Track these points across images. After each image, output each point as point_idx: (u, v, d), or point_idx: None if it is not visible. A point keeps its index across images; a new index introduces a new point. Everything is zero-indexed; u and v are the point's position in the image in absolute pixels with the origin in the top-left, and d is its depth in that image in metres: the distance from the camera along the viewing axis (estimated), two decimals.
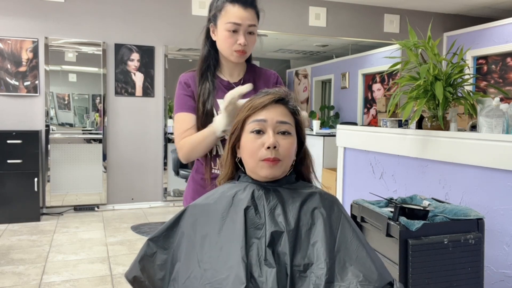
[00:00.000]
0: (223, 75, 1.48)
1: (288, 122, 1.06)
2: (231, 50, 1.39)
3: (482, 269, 1.42)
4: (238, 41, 1.37)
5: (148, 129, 4.93)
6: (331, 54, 6.92)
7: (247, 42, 1.38)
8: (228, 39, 1.38)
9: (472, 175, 1.79)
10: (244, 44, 1.37)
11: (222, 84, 1.45)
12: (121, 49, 4.76)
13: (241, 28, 1.37)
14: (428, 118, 2.04)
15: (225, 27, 1.37)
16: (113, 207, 4.82)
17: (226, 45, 1.39)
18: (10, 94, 4.42)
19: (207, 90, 1.41)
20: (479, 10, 5.90)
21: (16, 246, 3.47)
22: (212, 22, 1.43)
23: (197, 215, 1.04)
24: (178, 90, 1.46)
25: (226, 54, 1.41)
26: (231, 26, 1.36)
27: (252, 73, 1.51)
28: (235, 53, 1.39)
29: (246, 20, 1.36)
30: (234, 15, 1.36)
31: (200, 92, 1.42)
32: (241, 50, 1.38)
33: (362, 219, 1.56)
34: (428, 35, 2.02)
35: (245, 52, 1.40)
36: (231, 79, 1.47)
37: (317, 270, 0.93)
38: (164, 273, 1.01)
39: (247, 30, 1.38)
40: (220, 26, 1.39)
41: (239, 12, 1.36)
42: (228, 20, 1.36)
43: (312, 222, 1.00)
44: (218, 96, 1.42)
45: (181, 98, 1.44)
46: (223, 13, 1.37)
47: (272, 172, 1.03)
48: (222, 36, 1.39)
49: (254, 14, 1.39)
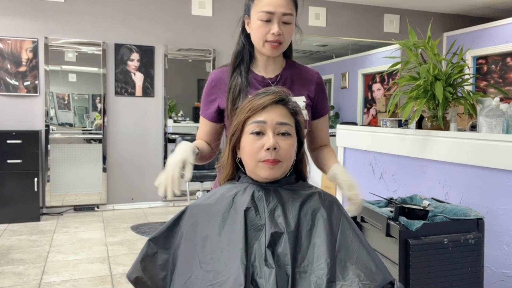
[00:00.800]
0: (258, 70, 1.36)
1: (288, 123, 1.06)
2: (263, 41, 1.27)
3: (482, 269, 1.42)
4: (271, 30, 1.25)
5: (148, 129, 4.93)
6: (331, 54, 6.92)
7: (282, 32, 1.26)
8: (260, 29, 1.26)
9: (472, 175, 1.79)
10: (278, 34, 1.25)
11: (255, 79, 1.34)
12: (121, 49, 4.76)
13: (274, 17, 1.25)
14: (428, 118, 2.04)
15: (258, 16, 1.26)
16: (113, 207, 4.82)
17: (258, 36, 1.27)
18: (10, 94, 4.42)
19: (238, 87, 1.31)
20: (479, 10, 5.89)
21: (16, 246, 3.46)
22: (246, 14, 1.33)
23: (197, 216, 1.04)
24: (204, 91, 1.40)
25: (259, 46, 1.30)
26: (264, 15, 1.25)
27: (291, 70, 1.39)
28: (268, 44, 1.27)
29: (279, 7, 1.24)
30: (266, 3, 1.25)
31: (231, 88, 1.32)
32: (275, 40, 1.26)
33: (362, 219, 1.56)
34: (428, 35, 2.02)
35: (280, 44, 1.27)
36: (265, 75, 1.36)
37: (318, 270, 0.93)
38: (165, 273, 1.01)
39: (282, 20, 1.25)
40: (253, 16, 1.28)
41: (271, 0, 1.25)
42: (261, 8, 1.25)
43: (312, 223, 1.00)
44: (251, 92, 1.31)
45: (203, 101, 1.39)
46: (256, 2, 1.27)
47: (272, 173, 1.03)
48: (255, 26, 1.27)
49: (291, 2, 1.27)
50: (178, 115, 5.07)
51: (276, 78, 1.36)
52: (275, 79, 1.36)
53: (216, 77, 1.38)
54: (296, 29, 1.34)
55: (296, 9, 1.31)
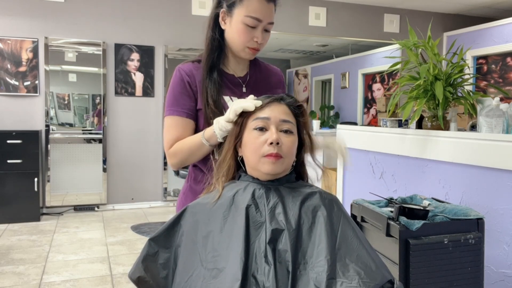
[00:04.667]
0: (227, 68, 1.32)
1: (291, 121, 1.08)
2: (243, 46, 1.24)
3: (482, 269, 1.42)
4: (254, 38, 1.23)
5: (148, 129, 4.93)
6: (331, 54, 6.92)
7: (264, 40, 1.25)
8: (243, 34, 1.22)
9: (472, 175, 1.79)
10: (260, 42, 1.24)
11: (227, 78, 1.30)
12: (121, 49, 4.76)
13: (260, 25, 1.22)
14: (428, 118, 2.04)
15: (243, 20, 1.21)
16: (113, 207, 4.82)
17: (240, 40, 1.23)
18: (10, 94, 4.42)
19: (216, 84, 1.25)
20: (479, 10, 5.89)
21: (16, 246, 3.47)
22: (224, 8, 1.25)
23: (198, 215, 1.04)
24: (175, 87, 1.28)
25: (237, 49, 1.26)
26: (251, 21, 1.21)
27: (256, 67, 1.38)
28: (248, 49, 1.25)
29: (267, 17, 1.22)
30: (256, 9, 1.20)
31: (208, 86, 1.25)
32: (256, 47, 1.25)
33: (362, 219, 1.56)
34: (428, 35, 2.02)
35: (259, 50, 1.26)
36: (235, 73, 1.33)
37: (318, 266, 0.93)
38: (167, 272, 1.02)
39: (265, 27, 1.24)
40: (237, 17, 1.22)
41: (261, 6, 1.20)
42: (249, 13, 1.20)
43: (313, 220, 1.00)
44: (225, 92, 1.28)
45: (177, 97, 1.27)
46: (245, 2, 1.20)
47: (274, 168, 1.03)
48: (237, 29, 1.22)
49: (274, 10, 1.24)
50: None
51: (246, 77, 1.34)
52: (245, 78, 1.34)
53: (188, 71, 1.29)
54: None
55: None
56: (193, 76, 1.28)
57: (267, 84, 1.37)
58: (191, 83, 1.27)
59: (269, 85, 1.38)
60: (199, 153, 1.22)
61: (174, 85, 1.28)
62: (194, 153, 1.23)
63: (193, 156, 1.24)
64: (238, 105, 1.09)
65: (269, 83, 1.38)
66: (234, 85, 1.30)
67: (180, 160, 1.25)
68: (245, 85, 1.33)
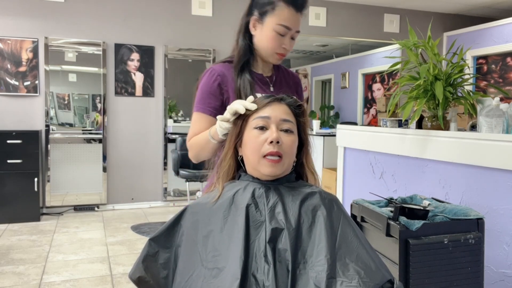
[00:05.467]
0: (256, 68, 1.41)
1: (291, 121, 1.08)
2: (273, 52, 1.34)
3: (482, 269, 1.42)
4: (283, 45, 1.33)
5: (148, 129, 4.93)
6: (331, 54, 6.92)
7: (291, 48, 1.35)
8: (274, 41, 1.32)
9: (472, 175, 1.79)
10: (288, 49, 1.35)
11: (257, 78, 1.39)
12: (121, 49, 4.76)
13: (289, 33, 1.32)
14: (428, 118, 2.04)
15: (275, 28, 1.31)
16: (113, 207, 4.82)
17: (270, 46, 1.33)
18: (10, 94, 4.42)
19: (248, 83, 1.33)
20: (479, 10, 5.90)
21: (16, 246, 3.47)
22: (255, 16, 1.34)
23: (198, 214, 1.04)
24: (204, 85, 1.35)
25: (266, 54, 1.36)
26: (282, 29, 1.31)
27: (279, 69, 1.48)
28: (276, 55, 1.35)
29: (296, 25, 1.33)
30: (286, 18, 1.30)
31: (240, 85, 1.34)
32: (283, 53, 1.35)
33: (362, 219, 1.56)
34: (428, 35, 2.02)
35: (285, 56, 1.37)
36: (263, 73, 1.42)
37: (318, 266, 0.93)
38: (167, 272, 1.02)
39: (292, 35, 1.34)
40: (268, 24, 1.31)
41: (291, 16, 1.30)
42: (280, 21, 1.30)
43: (313, 220, 1.01)
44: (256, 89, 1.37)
45: (205, 96, 1.34)
46: (276, 12, 1.30)
47: (274, 171, 1.03)
48: (268, 36, 1.32)
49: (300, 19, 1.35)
50: (178, 115, 5.07)
51: (272, 77, 1.44)
52: (272, 78, 1.44)
53: (220, 72, 1.36)
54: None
55: None
56: (225, 76, 1.35)
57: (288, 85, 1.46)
58: (222, 83, 1.35)
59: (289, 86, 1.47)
60: (207, 148, 1.27)
61: (203, 84, 1.36)
62: (204, 148, 1.28)
63: (204, 151, 1.29)
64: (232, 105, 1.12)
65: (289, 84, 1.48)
66: (263, 84, 1.39)
67: (194, 153, 1.33)
68: (272, 85, 1.43)
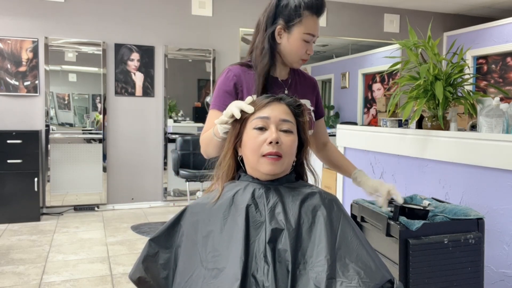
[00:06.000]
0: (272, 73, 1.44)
1: (290, 121, 1.08)
2: (299, 58, 1.40)
3: (482, 269, 1.42)
4: (307, 51, 1.38)
5: (148, 129, 4.93)
6: (331, 54, 6.92)
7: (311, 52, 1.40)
8: (302, 48, 1.38)
9: (472, 175, 1.79)
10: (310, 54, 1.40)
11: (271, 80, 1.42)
12: (121, 49, 4.76)
13: (313, 39, 1.38)
14: (428, 118, 2.04)
15: (302, 37, 1.36)
16: (113, 207, 4.82)
17: (298, 53, 1.38)
18: (10, 94, 4.42)
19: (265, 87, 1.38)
20: (479, 10, 5.89)
21: (16, 246, 3.47)
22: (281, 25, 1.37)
23: (198, 215, 1.04)
24: (221, 85, 1.40)
25: (292, 61, 1.41)
26: (309, 37, 1.36)
27: (295, 73, 1.51)
28: (301, 61, 1.41)
29: (318, 31, 1.39)
30: (312, 26, 1.36)
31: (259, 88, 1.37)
32: (306, 59, 1.40)
33: (362, 219, 1.56)
34: (428, 35, 2.02)
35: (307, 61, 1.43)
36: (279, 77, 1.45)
37: (318, 266, 0.93)
38: (167, 272, 1.02)
39: (314, 41, 1.39)
40: (296, 33, 1.36)
41: (314, 23, 1.37)
42: (307, 30, 1.35)
43: (313, 220, 1.00)
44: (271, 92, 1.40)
45: (220, 94, 1.39)
46: (303, 21, 1.35)
47: (273, 169, 1.03)
48: (296, 44, 1.37)
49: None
50: (178, 115, 5.07)
51: (288, 80, 1.46)
52: (287, 81, 1.46)
53: (237, 73, 1.40)
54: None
55: None
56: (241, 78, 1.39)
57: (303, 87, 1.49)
58: (237, 83, 1.39)
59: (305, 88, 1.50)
60: (212, 145, 1.27)
61: (220, 83, 1.40)
62: (209, 144, 1.29)
63: (209, 147, 1.30)
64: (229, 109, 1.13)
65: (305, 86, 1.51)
66: (277, 87, 1.41)
67: (203, 149, 1.35)
68: (287, 88, 1.45)
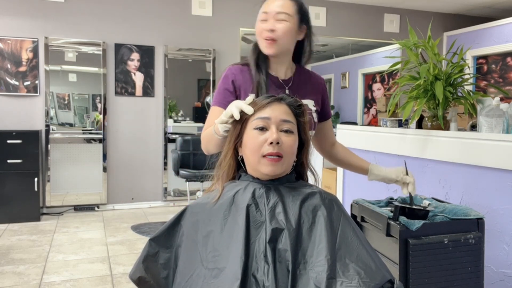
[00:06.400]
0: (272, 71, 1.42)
1: (291, 121, 1.08)
2: (260, 39, 1.36)
3: (482, 269, 1.42)
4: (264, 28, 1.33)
5: (148, 129, 4.93)
6: (331, 54, 6.92)
7: (276, 28, 1.32)
8: (258, 29, 1.36)
9: (472, 175, 1.79)
10: (270, 30, 1.32)
11: (271, 80, 1.40)
12: (121, 49, 4.76)
13: (269, 17, 1.33)
14: (428, 118, 2.04)
15: (259, 18, 1.36)
16: (113, 207, 4.82)
17: (257, 34, 1.37)
18: (10, 94, 4.42)
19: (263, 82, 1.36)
20: (479, 10, 5.89)
21: (16, 246, 3.47)
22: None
23: (198, 214, 1.04)
24: (221, 83, 1.41)
25: (260, 46, 1.37)
26: (262, 15, 1.35)
27: (301, 73, 1.47)
28: (264, 41, 1.34)
29: (274, 7, 1.33)
30: (264, 6, 1.35)
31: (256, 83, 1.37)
32: (268, 37, 1.32)
33: (362, 219, 1.56)
34: (428, 35, 2.02)
35: (274, 40, 1.33)
36: (279, 76, 1.42)
37: (318, 266, 0.93)
38: (167, 272, 1.02)
39: (276, 18, 1.32)
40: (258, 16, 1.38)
41: (269, 2, 1.35)
42: (260, 11, 1.36)
43: (313, 220, 1.00)
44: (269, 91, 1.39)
45: (221, 92, 1.40)
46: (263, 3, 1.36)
47: (274, 170, 1.03)
48: (256, 26, 1.37)
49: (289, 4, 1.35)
50: (178, 115, 5.07)
51: (289, 80, 1.43)
52: (289, 81, 1.43)
53: (235, 71, 1.41)
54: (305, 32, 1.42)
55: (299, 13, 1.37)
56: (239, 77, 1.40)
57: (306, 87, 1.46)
58: (235, 81, 1.39)
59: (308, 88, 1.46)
60: (213, 142, 1.26)
61: (220, 82, 1.42)
62: (209, 141, 1.29)
63: (210, 144, 1.29)
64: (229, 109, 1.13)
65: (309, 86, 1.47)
66: (277, 86, 1.40)
67: (204, 146, 1.35)
68: (288, 88, 1.42)
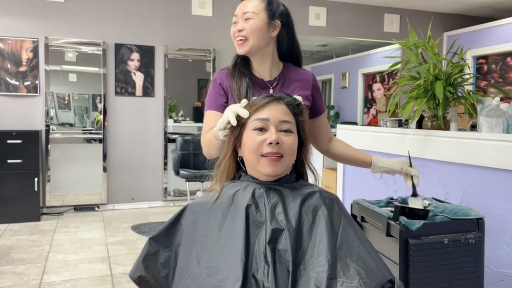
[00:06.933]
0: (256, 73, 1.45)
1: (290, 121, 1.07)
2: (235, 42, 1.41)
3: (482, 269, 1.42)
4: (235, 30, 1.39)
5: (148, 129, 4.93)
6: (331, 54, 6.92)
7: (244, 27, 1.37)
8: (231, 33, 1.42)
9: (472, 175, 1.79)
10: (239, 30, 1.38)
11: (256, 82, 1.42)
12: (121, 49, 4.76)
13: (238, 19, 1.39)
14: (428, 118, 2.04)
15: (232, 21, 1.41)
16: (113, 207, 4.82)
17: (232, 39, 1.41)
18: (10, 94, 4.42)
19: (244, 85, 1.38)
20: (479, 10, 5.89)
21: (16, 246, 3.47)
22: None
23: (198, 214, 1.04)
24: (211, 88, 1.45)
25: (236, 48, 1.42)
26: (233, 19, 1.41)
27: (287, 72, 1.48)
28: (237, 42, 1.40)
29: (241, 9, 1.39)
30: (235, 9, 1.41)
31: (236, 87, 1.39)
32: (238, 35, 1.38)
33: (362, 219, 1.56)
34: (428, 35, 2.02)
35: (245, 39, 1.37)
36: (264, 78, 1.44)
37: (318, 266, 0.93)
38: (167, 271, 1.02)
39: (243, 17, 1.38)
40: None
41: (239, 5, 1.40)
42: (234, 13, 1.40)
43: (313, 220, 1.00)
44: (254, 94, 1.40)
45: (213, 96, 1.43)
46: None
47: (274, 170, 1.03)
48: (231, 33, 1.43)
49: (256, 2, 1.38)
50: (178, 115, 5.07)
51: (275, 80, 1.44)
52: (274, 81, 1.44)
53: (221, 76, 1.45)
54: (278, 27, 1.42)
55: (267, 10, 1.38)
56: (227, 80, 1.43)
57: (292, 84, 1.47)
58: (222, 84, 1.43)
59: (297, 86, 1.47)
60: (214, 146, 1.27)
61: (210, 87, 1.45)
62: (210, 146, 1.30)
63: (211, 149, 1.30)
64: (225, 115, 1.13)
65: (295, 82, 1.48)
66: (262, 88, 1.42)
67: (205, 151, 1.36)
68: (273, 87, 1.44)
